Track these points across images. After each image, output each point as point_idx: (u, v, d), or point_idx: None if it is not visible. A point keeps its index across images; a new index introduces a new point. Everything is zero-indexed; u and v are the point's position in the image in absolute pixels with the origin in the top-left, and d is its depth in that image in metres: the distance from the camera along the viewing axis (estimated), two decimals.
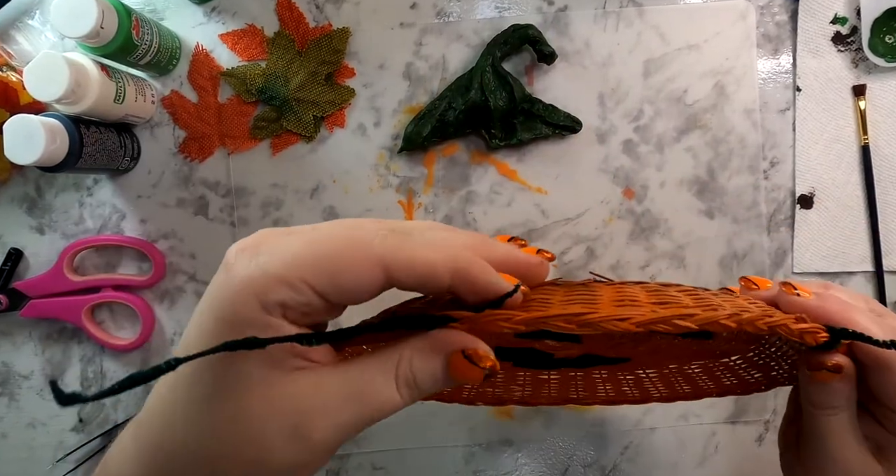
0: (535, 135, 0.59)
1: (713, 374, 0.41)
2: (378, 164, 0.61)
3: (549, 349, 0.39)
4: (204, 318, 0.25)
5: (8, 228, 0.62)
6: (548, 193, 0.61)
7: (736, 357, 0.39)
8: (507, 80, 0.58)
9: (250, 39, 0.61)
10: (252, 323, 0.24)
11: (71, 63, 0.48)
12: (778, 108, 0.61)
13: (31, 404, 0.62)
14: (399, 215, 0.61)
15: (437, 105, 0.59)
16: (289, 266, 0.24)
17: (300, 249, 0.24)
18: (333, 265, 0.24)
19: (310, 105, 0.60)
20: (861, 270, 0.61)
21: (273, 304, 0.24)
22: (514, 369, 0.43)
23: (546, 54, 0.59)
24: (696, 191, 0.61)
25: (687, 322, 0.24)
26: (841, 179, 0.60)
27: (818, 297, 0.30)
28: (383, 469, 0.62)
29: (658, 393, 0.42)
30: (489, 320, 0.25)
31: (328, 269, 0.24)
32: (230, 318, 0.24)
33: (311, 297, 0.24)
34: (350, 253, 0.24)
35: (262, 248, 0.24)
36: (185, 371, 0.24)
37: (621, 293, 0.29)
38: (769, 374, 0.38)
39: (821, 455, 0.31)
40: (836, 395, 0.30)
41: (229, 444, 0.24)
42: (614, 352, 0.40)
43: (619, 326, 0.24)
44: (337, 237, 0.25)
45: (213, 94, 0.61)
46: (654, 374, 0.42)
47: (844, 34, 0.60)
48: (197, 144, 0.61)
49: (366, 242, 0.24)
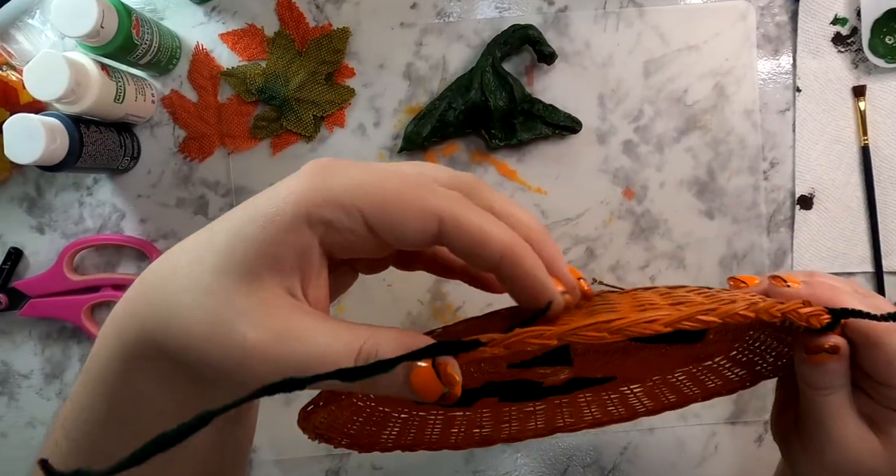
0: (535, 135, 0.59)
1: (697, 379, 0.41)
2: None
3: (539, 377, 0.39)
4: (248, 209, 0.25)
5: (8, 228, 0.62)
6: (547, 194, 0.61)
7: (719, 358, 0.40)
8: (507, 80, 0.58)
9: (250, 39, 0.61)
10: (289, 228, 0.24)
11: (71, 62, 0.48)
12: (778, 108, 0.61)
13: (30, 404, 0.62)
14: None
15: (438, 105, 0.59)
16: (349, 190, 0.24)
17: (366, 179, 0.24)
18: (392, 203, 0.24)
19: (310, 105, 0.60)
20: (861, 271, 0.61)
21: (317, 220, 0.24)
22: (500, 406, 0.42)
23: (546, 54, 0.59)
24: (695, 191, 0.61)
25: (710, 316, 0.24)
26: (841, 180, 0.60)
27: (808, 285, 0.32)
28: (382, 469, 0.62)
29: (644, 407, 0.43)
30: (519, 339, 0.24)
31: (386, 205, 0.24)
32: (272, 216, 0.24)
33: (358, 226, 0.24)
34: (413, 195, 0.24)
35: (335, 167, 0.25)
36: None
37: (637, 299, 0.29)
38: (753, 370, 0.39)
39: (821, 434, 0.32)
40: (832, 375, 0.31)
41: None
42: (602, 370, 0.40)
43: (650, 328, 0.24)
44: (406, 180, 0.25)
45: (213, 93, 0.61)
46: (638, 389, 0.42)
47: (844, 35, 0.60)
48: (197, 144, 0.61)
49: (431, 192, 0.25)
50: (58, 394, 0.62)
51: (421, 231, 0.24)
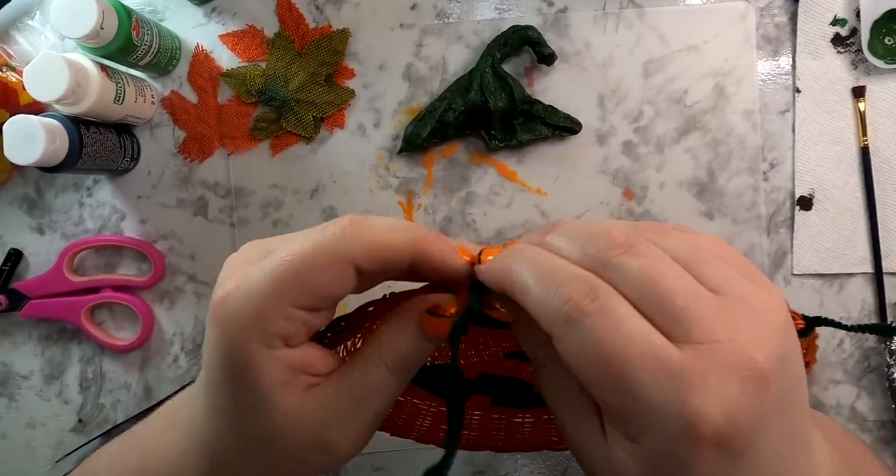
0: (535, 136, 0.59)
1: None
2: (378, 165, 0.61)
3: (531, 378, 0.39)
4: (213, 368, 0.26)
5: (8, 229, 0.62)
6: (547, 194, 0.61)
7: None
8: (507, 81, 0.58)
9: (250, 40, 0.61)
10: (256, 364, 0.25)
11: (71, 63, 0.48)
12: (778, 109, 0.61)
13: (30, 404, 0.62)
14: (399, 216, 0.61)
15: (437, 106, 0.59)
16: (271, 298, 0.24)
17: (276, 275, 0.24)
18: (309, 278, 0.24)
19: (309, 106, 0.60)
20: (860, 272, 0.61)
21: (273, 338, 0.25)
22: (490, 410, 0.42)
23: (546, 55, 0.59)
24: (695, 192, 0.61)
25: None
26: (840, 181, 0.60)
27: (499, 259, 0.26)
28: (383, 469, 0.62)
29: None
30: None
31: (306, 284, 0.24)
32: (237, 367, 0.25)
33: (303, 316, 0.25)
34: (317, 260, 0.24)
35: (241, 287, 0.25)
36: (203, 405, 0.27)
37: None
38: None
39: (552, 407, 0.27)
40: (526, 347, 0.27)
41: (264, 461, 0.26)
42: None
43: None
44: (304, 248, 0.25)
45: (212, 94, 0.61)
46: None
47: (844, 36, 0.60)
48: (197, 145, 0.61)
49: (327, 242, 0.25)
50: (57, 395, 0.62)
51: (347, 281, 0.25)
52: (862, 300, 0.60)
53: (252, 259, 0.26)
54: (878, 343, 0.60)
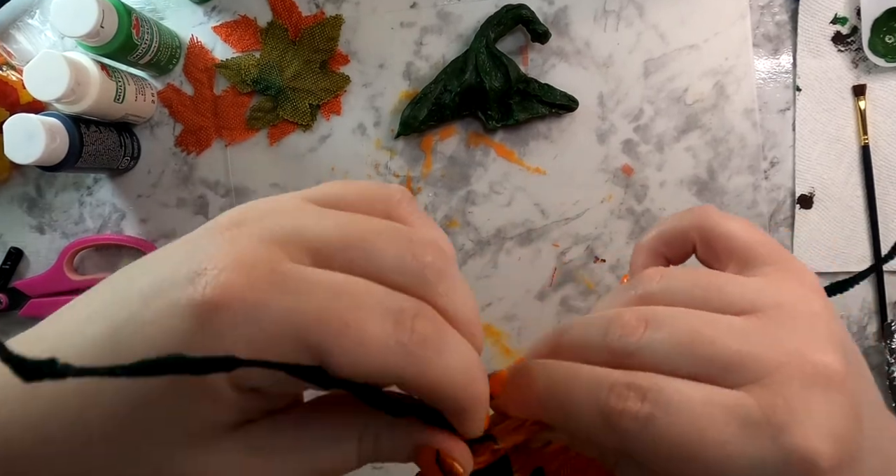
0: (532, 114, 0.59)
1: None
2: (378, 164, 0.61)
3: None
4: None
5: (8, 228, 0.62)
6: (546, 173, 0.61)
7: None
8: (502, 60, 0.58)
9: (244, 30, 0.61)
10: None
11: (71, 62, 0.48)
12: (778, 107, 0.61)
13: None
14: None
15: (433, 88, 0.59)
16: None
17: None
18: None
19: (305, 93, 0.60)
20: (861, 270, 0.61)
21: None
22: None
23: (539, 33, 0.58)
24: (696, 190, 0.61)
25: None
26: (841, 179, 0.60)
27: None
28: (383, 469, 0.62)
29: None
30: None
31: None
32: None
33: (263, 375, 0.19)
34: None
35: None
36: None
37: None
38: None
39: None
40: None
41: None
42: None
43: None
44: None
45: (208, 86, 0.61)
46: None
47: (844, 34, 0.60)
48: (194, 137, 0.61)
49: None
50: None
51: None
52: (862, 299, 0.60)
53: None
54: (878, 342, 0.60)
